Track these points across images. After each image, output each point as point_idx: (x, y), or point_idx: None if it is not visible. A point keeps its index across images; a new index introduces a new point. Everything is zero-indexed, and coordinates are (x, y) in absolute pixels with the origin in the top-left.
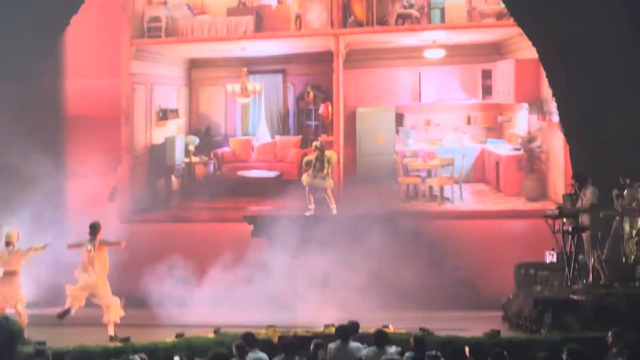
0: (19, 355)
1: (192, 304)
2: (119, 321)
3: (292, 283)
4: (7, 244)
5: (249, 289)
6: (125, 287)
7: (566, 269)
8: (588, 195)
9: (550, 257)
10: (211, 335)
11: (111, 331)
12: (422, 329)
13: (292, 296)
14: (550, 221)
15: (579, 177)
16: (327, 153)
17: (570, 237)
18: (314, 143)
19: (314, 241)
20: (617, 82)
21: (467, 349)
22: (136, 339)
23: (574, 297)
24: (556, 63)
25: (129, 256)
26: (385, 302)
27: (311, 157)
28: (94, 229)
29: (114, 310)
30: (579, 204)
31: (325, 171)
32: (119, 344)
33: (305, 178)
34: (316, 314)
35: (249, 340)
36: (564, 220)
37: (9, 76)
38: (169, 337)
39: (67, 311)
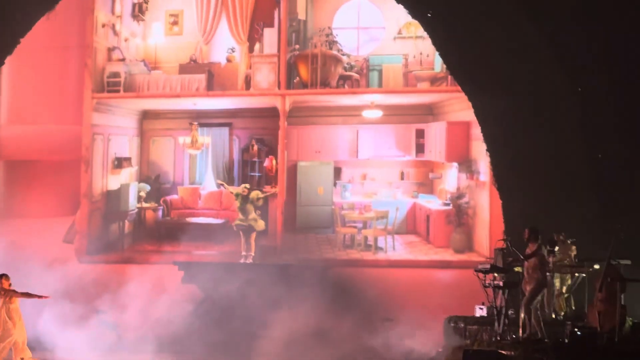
0: None
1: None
2: None
3: (222, 329)
4: None
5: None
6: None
7: (496, 323)
8: (535, 250)
9: (480, 311)
10: None
11: None
12: None
13: (221, 343)
14: (480, 275)
15: (533, 231)
16: (252, 194)
17: (500, 291)
18: (242, 185)
19: (243, 288)
20: (550, 137)
21: None
22: None
23: (503, 351)
24: (489, 118)
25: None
26: (313, 354)
27: (239, 190)
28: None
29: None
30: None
31: (253, 214)
32: None
33: (236, 222)
34: None
35: None
36: (495, 274)
37: None
38: None
39: None
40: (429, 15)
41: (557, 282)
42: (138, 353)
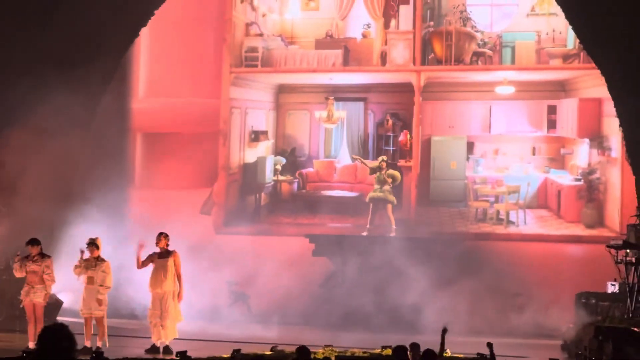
0: None
1: (250, 320)
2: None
3: (351, 302)
4: (92, 251)
5: (309, 307)
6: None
7: (628, 300)
8: None
9: (612, 288)
10: (268, 352)
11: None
12: (479, 354)
13: (351, 315)
14: (613, 251)
15: None
16: (390, 171)
17: (633, 268)
18: (380, 157)
19: (375, 261)
20: None
21: None
22: (192, 354)
23: (636, 329)
24: (624, 94)
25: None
26: (444, 325)
27: (376, 163)
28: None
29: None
30: None
31: (387, 186)
32: (175, 358)
33: (370, 194)
34: (374, 335)
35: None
36: (628, 251)
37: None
38: (225, 353)
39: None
40: None
41: None
42: (268, 324)
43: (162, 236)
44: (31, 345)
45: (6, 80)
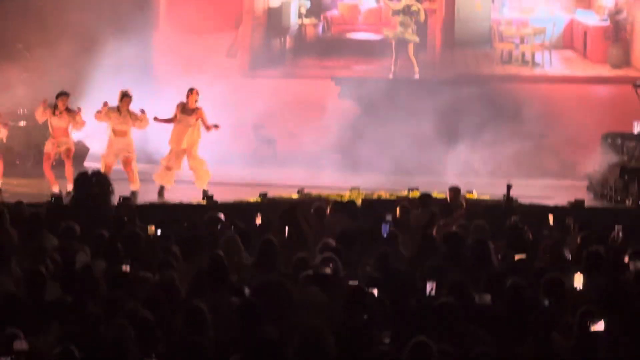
0: (109, 208)
1: (276, 164)
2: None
3: (377, 145)
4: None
5: (332, 150)
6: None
7: None
8: None
9: (638, 127)
10: (295, 195)
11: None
12: (506, 194)
13: (376, 159)
14: (639, 90)
15: None
16: (416, 5)
17: None
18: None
19: (400, 105)
20: None
21: (550, 217)
22: (219, 198)
23: None
24: None
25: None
26: (469, 167)
27: (400, 6)
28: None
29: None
30: None
31: (410, 28)
32: (202, 202)
33: (392, 34)
34: (400, 177)
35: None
36: None
37: None
38: (252, 197)
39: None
40: None
41: None
42: (294, 167)
43: (193, 92)
44: (55, 189)
45: None
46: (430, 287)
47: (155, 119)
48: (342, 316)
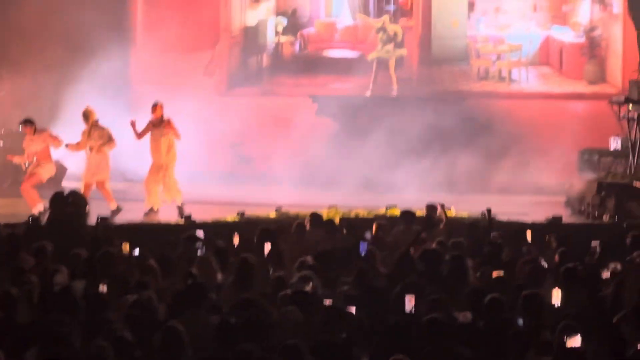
0: (86, 228)
1: (254, 182)
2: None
3: (353, 163)
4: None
5: (310, 168)
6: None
7: (630, 156)
8: None
9: (615, 144)
10: (273, 214)
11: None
12: (483, 214)
13: (353, 176)
14: (615, 107)
15: None
16: (393, 26)
17: (635, 124)
18: (382, 17)
19: (378, 123)
20: None
21: (528, 233)
22: (196, 217)
23: (638, 184)
24: None
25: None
26: (448, 184)
27: (380, 23)
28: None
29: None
30: None
31: (389, 46)
32: (180, 221)
33: (372, 54)
34: (377, 196)
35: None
36: (630, 106)
37: None
38: (229, 216)
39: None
40: None
41: None
42: (271, 186)
43: (157, 106)
44: (35, 210)
45: None
46: (409, 304)
47: (132, 123)
48: (320, 335)
